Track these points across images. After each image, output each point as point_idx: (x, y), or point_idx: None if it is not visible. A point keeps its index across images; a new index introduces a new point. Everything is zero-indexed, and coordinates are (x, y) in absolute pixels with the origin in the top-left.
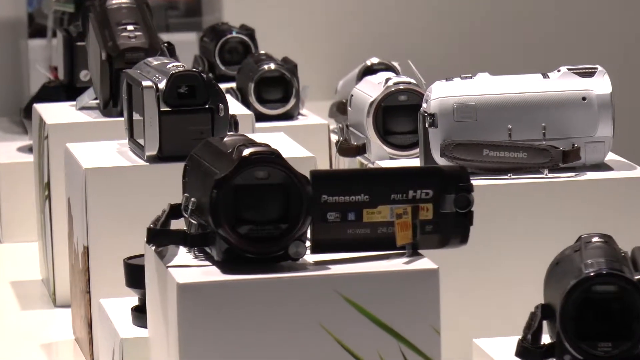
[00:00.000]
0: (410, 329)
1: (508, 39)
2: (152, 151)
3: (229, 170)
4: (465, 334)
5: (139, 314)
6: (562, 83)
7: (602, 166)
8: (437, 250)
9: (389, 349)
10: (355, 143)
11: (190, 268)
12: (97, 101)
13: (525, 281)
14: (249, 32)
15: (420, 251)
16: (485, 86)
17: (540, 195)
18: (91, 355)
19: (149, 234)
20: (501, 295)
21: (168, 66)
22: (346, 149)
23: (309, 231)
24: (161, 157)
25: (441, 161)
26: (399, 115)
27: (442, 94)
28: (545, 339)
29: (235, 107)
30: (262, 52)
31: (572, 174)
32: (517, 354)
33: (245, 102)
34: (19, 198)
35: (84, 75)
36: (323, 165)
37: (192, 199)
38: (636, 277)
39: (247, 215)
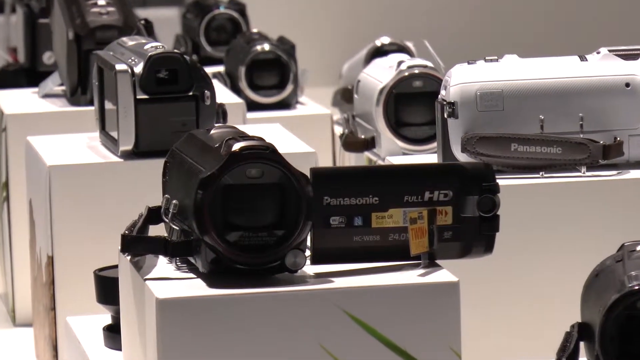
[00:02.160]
0: (426, 351)
1: (540, 15)
2: (127, 145)
3: (216, 168)
4: (489, 356)
5: (112, 334)
6: (602, 67)
7: None
8: (457, 261)
9: None
10: (362, 136)
11: (171, 281)
12: (63, 87)
13: (559, 296)
14: (239, 7)
15: (438, 262)
16: (514, 70)
17: (577, 196)
18: None
19: (123, 241)
20: (531, 312)
21: (145, 47)
22: (352, 143)
23: (308, 238)
24: (137, 152)
25: (462, 157)
26: (413, 104)
27: (463, 79)
28: None
29: (223, 94)
30: (255, 30)
31: (614, 172)
32: None
33: (235, 89)
34: None
35: (47, 58)
36: (325, 161)
37: (174, 201)
38: None
39: (238, 220)
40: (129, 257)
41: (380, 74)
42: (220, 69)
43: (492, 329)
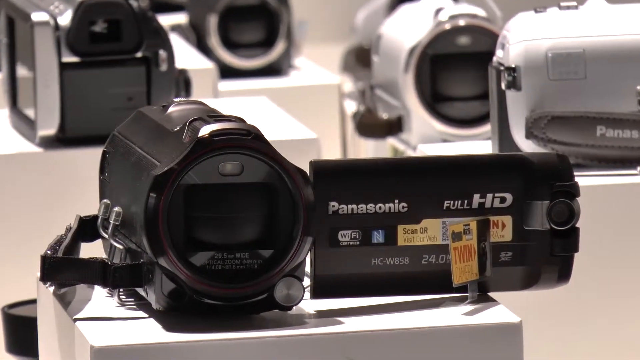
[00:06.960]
0: None
1: None
2: (48, 129)
3: (176, 161)
4: None
5: None
6: None
7: None
8: (519, 294)
9: None
10: (384, 116)
11: (112, 322)
12: None
13: None
14: None
15: (492, 295)
16: (600, 22)
17: None
18: None
19: (44, 265)
20: None
21: None
22: (370, 125)
23: (308, 262)
24: (63, 138)
25: (527, 145)
26: (457, 70)
27: (529, 34)
28: None
29: (186, 55)
30: None
31: None
32: None
33: (203, 48)
34: None
35: None
36: (332, 152)
37: (116, 209)
38: None
39: (207, 235)
40: (51, 288)
41: (410, 27)
42: (182, 19)
43: None
